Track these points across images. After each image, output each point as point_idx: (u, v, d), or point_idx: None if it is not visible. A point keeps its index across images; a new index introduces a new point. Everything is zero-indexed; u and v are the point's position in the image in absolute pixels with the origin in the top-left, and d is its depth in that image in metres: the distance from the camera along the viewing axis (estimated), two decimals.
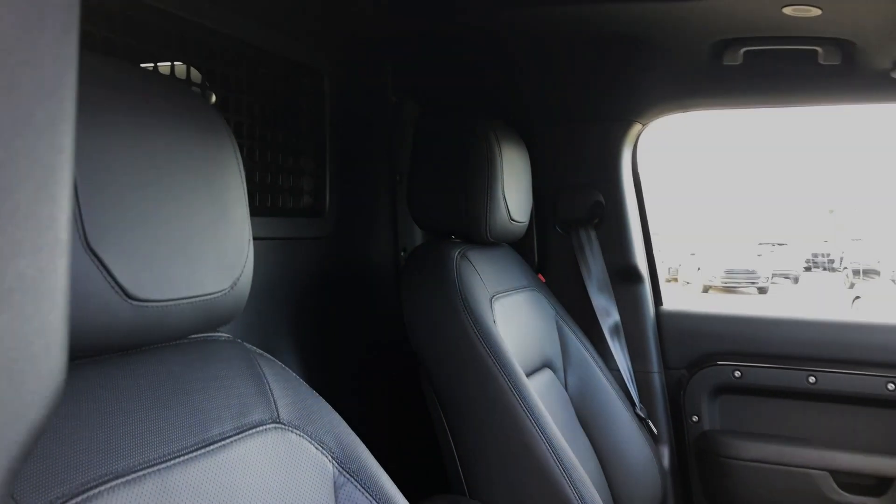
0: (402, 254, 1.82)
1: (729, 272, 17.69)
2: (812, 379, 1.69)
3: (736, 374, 1.76)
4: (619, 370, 1.75)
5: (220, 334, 0.80)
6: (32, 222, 0.36)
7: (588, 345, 1.70)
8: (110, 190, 0.59)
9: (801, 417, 1.73)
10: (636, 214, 1.87)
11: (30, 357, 0.36)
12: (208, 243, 0.68)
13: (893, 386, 1.63)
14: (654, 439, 1.73)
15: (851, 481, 1.63)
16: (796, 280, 20.58)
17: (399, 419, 1.70)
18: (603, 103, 1.80)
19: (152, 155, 0.63)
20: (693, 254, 19.70)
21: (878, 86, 1.54)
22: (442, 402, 1.34)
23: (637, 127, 1.83)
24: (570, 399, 1.64)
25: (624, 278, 1.84)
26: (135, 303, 0.60)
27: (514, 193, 1.50)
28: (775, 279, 19.09)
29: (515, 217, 1.51)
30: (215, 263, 0.69)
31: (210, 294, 0.69)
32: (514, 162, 1.51)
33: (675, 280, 19.18)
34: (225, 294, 0.71)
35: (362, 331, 1.65)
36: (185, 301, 0.66)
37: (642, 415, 1.72)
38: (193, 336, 0.75)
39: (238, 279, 0.72)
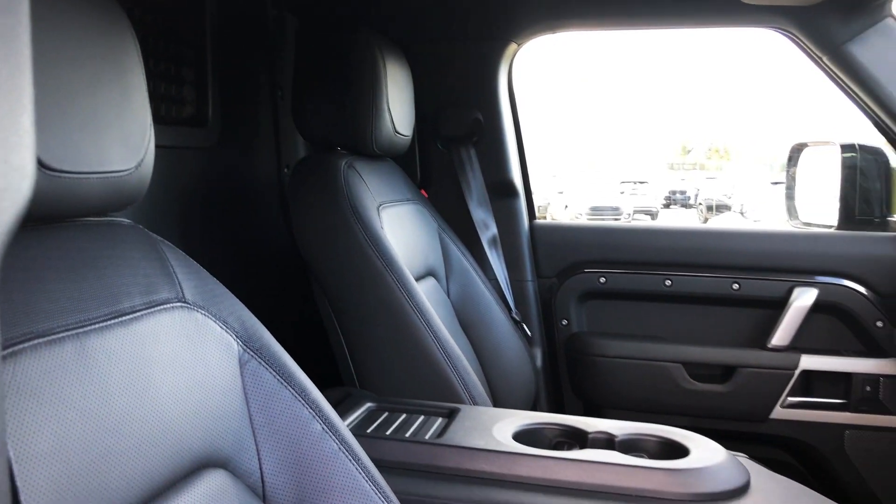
0: (286, 170, 1.84)
1: (594, 209, 18.54)
2: (668, 282, 1.87)
3: (601, 281, 1.91)
4: (496, 279, 1.86)
5: (124, 219, 0.82)
6: None
7: (468, 255, 1.79)
8: None
9: (659, 317, 1.91)
10: (512, 132, 1.96)
11: None
12: (113, 121, 0.70)
13: (738, 286, 1.82)
14: (529, 341, 1.87)
15: (701, 371, 1.83)
16: (656, 216, 21.78)
17: (288, 321, 1.75)
18: (479, 21, 1.86)
19: (57, 34, 0.65)
20: (561, 192, 20.48)
21: (732, 9, 1.67)
22: (332, 302, 1.40)
23: (513, 47, 1.91)
24: (452, 305, 1.74)
25: (501, 193, 1.94)
26: (49, 173, 0.62)
27: (399, 106, 1.55)
28: (637, 215, 20.12)
29: (400, 130, 1.57)
30: (121, 142, 0.72)
31: (117, 172, 0.71)
32: (397, 75, 1.56)
33: (545, 218, 19.83)
34: (130, 174, 0.73)
35: (248, 241, 1.68)
36: (94, 176, 0.68)
37: (517, 319, 1.85)
38: (100, 218, 0.77)
39: (142, 160, 0.75)
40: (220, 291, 0.87)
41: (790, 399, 1.75)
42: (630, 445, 1.08)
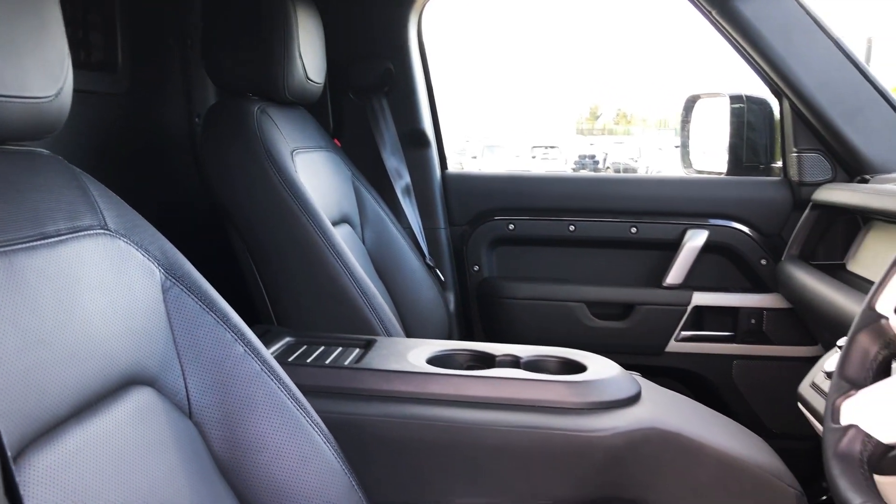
0: (197, 120, 1.84)
1: None
2: (572, 227, 1.97)
3: (510, 227, 2.00)
4: (410, 227, 1.92)
5: (43, 150, 0.83)
6: None
7: (382, 203, 1.84)
8: None
9: (563, 260, 2.02)
10: (423, 83, 2.01)
11: None
12: (32, 49, 0.72)
13: (636, 229, 1.94)
14: (442, 286, 1.94)
15: (602, 310, 1.94)
16: None
17: (205, 266, 1.77)
18: None
19: None
20: (475, 157, 20.64)
21: None
22: (249, 245, 1.43)
23: None
24: (367, 251, 1.79)
25: (413, 143, 2.00)
26: None
27: (310, 52, 1.57)
28: None
29: (312, 76, 1.59)
30: (40, 68, 0.73)
31: (37, 98, 0.73)
32: (308, 21, 1.58)
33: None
34: (50, 101, 0.75)
35: (159, 187, 1.68)
36: (15, 100, 0.70)
37: (431, 264, 1.91)
38: (19, 146, 0.79)
39: (62, 89, 0.77)
40: (140, 222, 0.90)
41: (683, 333, 1.89)
42: (534, 366, 1.17)
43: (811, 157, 1.77)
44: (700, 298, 1.88)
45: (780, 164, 1.90)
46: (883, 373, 0.79)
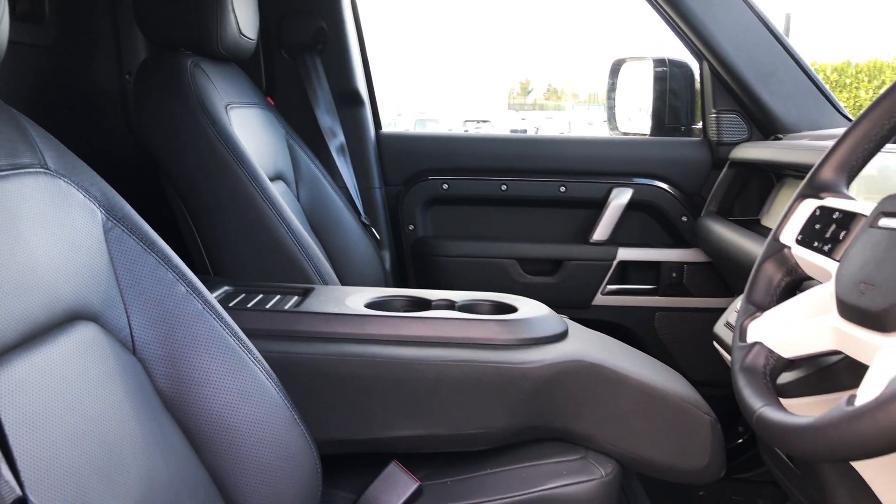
0: (128, 77, 1.81)
1: None
2: (504, 187, 2.02)
3: (444, 187, 2.04)
4: (345, 186, 1.94)
5: None
6: None
7: (317, 162, 1.86)
8: None
9: (496, 219, 2.07)
10: (356, 42, 2.02)
11: None
12: None
13: (564, 188, 2.00)
14: (378, 245, 1.97)
15: (532, 267, 2.01)
16: None
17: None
18: None
19: None
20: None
21: None
22: (184, 198, 1.43)
23: None
24: (303, 209, 1.80)
25: (347, 102, 2.01)
26: None
27: (243, 7, 1.57)
28: None
29: (245, 32, 1.59)
30: None
31: None
32: None
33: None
34: None
35: (89, 139, 1.65)
36: None
37: (367, 223, 1.94)
38: None
39: None
40: (80, 164, 0.90)
41: (609, 287, 1.97)
42: (468, 308, 1.22)
43: (729, 118, 1.87)
44: (625, 254, 1.96)
45: (700, 125, 1.99)
46: (786, 297, 0.86)
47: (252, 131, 1.61)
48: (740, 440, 2.01)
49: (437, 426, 1.07)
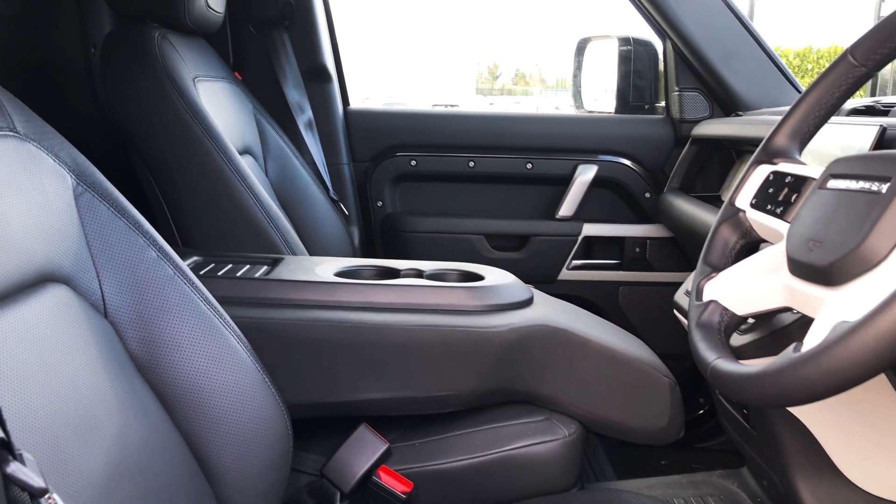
0: (94, 50, 1.79)
1: None
2: (471, 163, 2.04)
3: (412, 164, 2.06)
4: (314, 162, 1.95)
5: None
6: None
7: (285, 137, 1.86)
8: None
9: (463, 195, 2.10)
10: (324, 17, 2.03)
11: None
12: None
13: (531, 165, 2.03)
14: (346, 221, 1.98)
15: (499, 242, 2.04)
16: None
17: None
18: None
19: None
20: None
21: None
22: (153, 170, 1.43)
23: None
24: (271, 184, 1.81)
25: (315, 78, 2.01)
26: None
27: None
28: None
29: (212, 5, 1.59)
30: None
31: None
32: None
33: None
34: None
35: (56, 116, 1.64)
36: None
37: (335, 198, 1.95)
38: None
39: None
40: (49, 129, 0.91)
41: (574, 262, 2.01)
42: (436, 277, 1.24)
43: (691, 96, 1.91)
44: (590, 229, 2.00)
45: (663, 103, 2.03)
46: (741, 259, 0.90)
47: (220, 105, 1.61)
48: (701, 411, 2.07)
49: (405, 389, 1.10)
